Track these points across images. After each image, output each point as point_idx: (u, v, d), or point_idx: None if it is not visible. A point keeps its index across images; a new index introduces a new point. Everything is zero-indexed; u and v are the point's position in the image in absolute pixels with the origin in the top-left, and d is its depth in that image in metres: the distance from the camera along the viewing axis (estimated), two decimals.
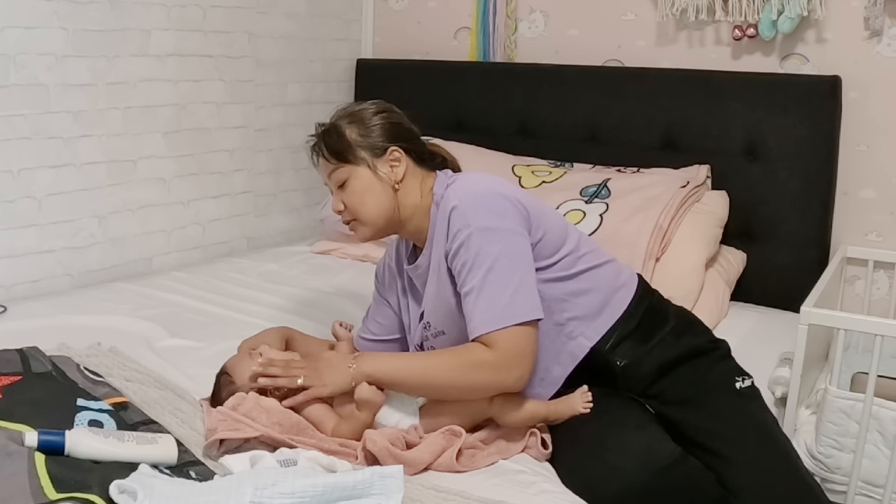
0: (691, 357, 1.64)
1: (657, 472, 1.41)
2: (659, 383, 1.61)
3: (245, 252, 2.95)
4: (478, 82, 3.03)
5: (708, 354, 1.67)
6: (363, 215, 1.65)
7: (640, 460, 1.42)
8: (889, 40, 2.44)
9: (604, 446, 1.47)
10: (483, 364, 1.47)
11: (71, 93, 2.36)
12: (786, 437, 1.66)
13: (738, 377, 1.66)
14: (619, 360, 1.61)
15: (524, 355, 1.48)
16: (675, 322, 1.68)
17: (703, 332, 1.74)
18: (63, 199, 2.39)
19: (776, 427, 1.67)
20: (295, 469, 1.28)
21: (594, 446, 1.48)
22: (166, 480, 1.24)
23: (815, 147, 2.46)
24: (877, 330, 1.79)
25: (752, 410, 1.64)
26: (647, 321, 1.65)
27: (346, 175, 1.64)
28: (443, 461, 1.47)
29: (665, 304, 1.74)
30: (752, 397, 1.66)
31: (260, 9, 2.90)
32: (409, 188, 1.65)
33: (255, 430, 1.44)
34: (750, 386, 1.66)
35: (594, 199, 2.46)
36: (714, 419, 1.59)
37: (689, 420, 1.58)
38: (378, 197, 1.63)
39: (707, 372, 1.64)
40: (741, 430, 1.59)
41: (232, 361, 1.64)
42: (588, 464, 1.46)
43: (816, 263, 2.45)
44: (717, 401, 1.61)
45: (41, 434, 1.27)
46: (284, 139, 3.07)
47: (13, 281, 2.31)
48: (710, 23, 2.68)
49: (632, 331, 1.62)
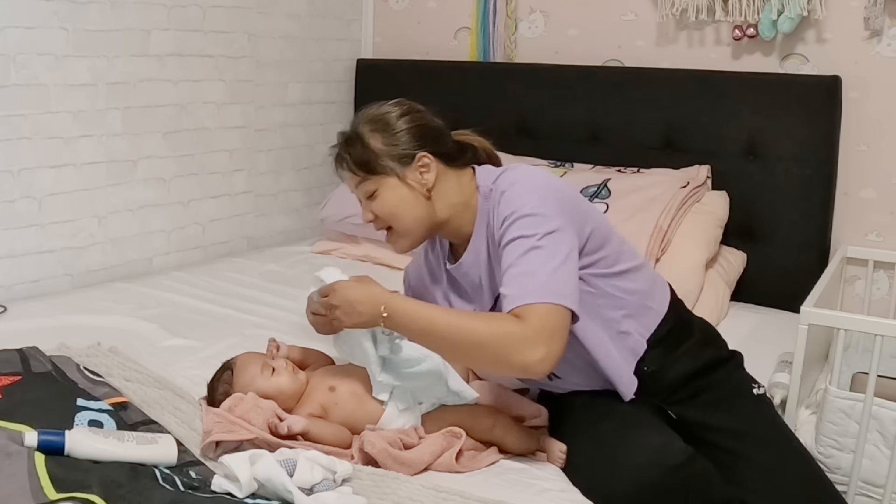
0: (712, 367, 1.65)
1: (667, 471, 1.41)
2: (682, 391, 1.62)
3: (245, 252, 2.95)
4: (478, 82, 3.03)
5: (726, 364, 1.69)
6: (398, 226, 1.60)
7: (649, 459, 1.42)
8: (889, 40, 2.44)
9: (613, 445, 1.46)
10: (511, 334, 1.39)
11: (71, 93, 2.36)
12: (800, 441, 1.69)
13: (754, 384, 1.69)
14: (647, 366, 1.60)
15: (554, 335, 1.39)
16: (699, 334, 1.69)
17: (723, 346, 1.75)
18: (63, 199, 2.39)
19: (791, 431, 1.70)
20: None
21: (603, 445, 1.48)
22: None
23: (815, 147, 2.46)
24: (877, 330, 1.79)
25: (771, 414, 1.68)
26: (676, 330, 1.65)
27: (375, 186, 1.58)
28: (443, 461, 1.47)
29: (690, 316, 1.75)
30: (768, 403, 1.71)
31: (260, 9, 2.90)
32: (443, 191, 1.59)
33: (251, 432, 1.43)
34: (765, 392, 1.70)
35: (594, 199, 2.45)
36: (734, 421, 1.61)
37: (709, 422, 1.60)
38: (411, 207, 1.58)
39: (727, 378, 1.66)
40: (760, 432, 1.61)
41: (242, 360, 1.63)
42: (597, 462, 1.46)
43: (816, 263, 2.45)
44: (738, 404, 1.64)
45: (41, 434, 1.27)
46: (284, 139, 3.07)
47: (13, 281, 2.31)
48: (710, 23, 2.68)
49: (664, 337, 1.62)
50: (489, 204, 1.55)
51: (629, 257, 1.62)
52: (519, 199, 1.48)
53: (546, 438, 1.57)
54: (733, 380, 1.67)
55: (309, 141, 3.11)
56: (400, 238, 1.63)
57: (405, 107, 1.63)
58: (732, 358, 1.72)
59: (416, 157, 1.58)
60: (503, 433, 1.54)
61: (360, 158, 1.58)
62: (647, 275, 1.67)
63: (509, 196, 1.50)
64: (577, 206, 1.55)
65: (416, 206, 1.58)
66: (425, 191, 1.58)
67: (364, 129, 1.60)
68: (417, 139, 1.59)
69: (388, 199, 1.58)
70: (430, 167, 1.58)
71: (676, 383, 1.61)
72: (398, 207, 1.59)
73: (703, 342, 1.68)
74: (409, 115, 1.62)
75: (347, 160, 1.60)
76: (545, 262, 1.43)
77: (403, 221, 1.60)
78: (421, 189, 1.58)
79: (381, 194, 1.59)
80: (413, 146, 1.58)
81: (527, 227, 1.45)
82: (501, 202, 1.50)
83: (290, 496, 1.27)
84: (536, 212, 1.46)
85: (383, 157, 1.57)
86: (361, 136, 1.60)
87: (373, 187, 1.59)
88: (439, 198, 1.59)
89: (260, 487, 1.30)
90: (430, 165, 1.58)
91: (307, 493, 1.28)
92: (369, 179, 1.59)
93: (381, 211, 1.60)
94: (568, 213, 1.49)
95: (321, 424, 1.51)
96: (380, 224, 1.63)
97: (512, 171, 1.57)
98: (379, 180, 1.58)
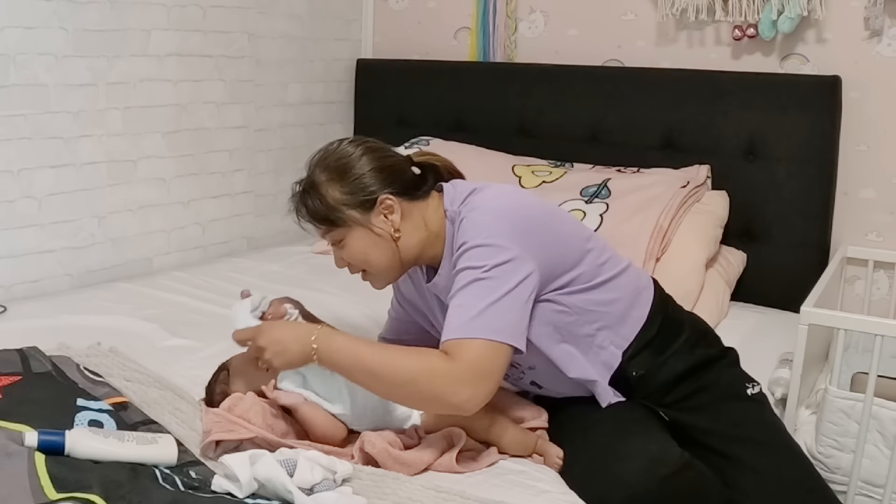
0: (703, 367, 1.64)
1: (662, 480, 1.40)
2: (673, 392, 1.61)
3: (245, 252, 2.95)
4: (478, 82, 3.03)
5: (718, 362, 1.67)
6: (372, 270, 1.58)
7: (644, 468, 1.41)
8: (889, 40, 2.44)
9: (608, 454, 1.45)
10: (438, 372, 1.37)
11: (71, 93, 2.36)
12: (795, 443, 1.67)
13: (748, 384, 1.67)
14: (634, 370, 1.59)
15: (483, 376, 1.37)
16: (689, 332, 1.67)
17: (715, 342, 1.73)
18: (63, 199, 2.39)
19: (786, 432, 1.69)
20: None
21: (599, 454, 1.47)
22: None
23: (815, 147, 2.46)
24: (877, 330, 1.79)
25: (764, 415, 1.66)
26: (663, 331, 1.63)
27: (341, 236, 1.54)
28: (443, 461, 1.47)
29: (680, 314, 1.72)
30: (762, 403, 1.68)
31: (260, 9, 2.90)
32: (411, 229, 1.55)
33: (250, 431, 1.43)
34: (759, 392, 1.68)
35: (594, 199, 2.45)
36: (727, 424, 1.59)
37: (701, 425, 1.59)
38: (382, 252, 1.54)
39: (719, 379, 1.64)
40: (754, 434, 1.60)
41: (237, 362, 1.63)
42: (592, 471, 1.45)
43: (816, 263, 2.45)
44: (731, 406, 1.62)
45: (41, 434, 1.27)
46: (284, 139, 3.07)
47: (13, 281, 2.31)
48: (710, 23, 2.68)
49: (649, 341, 1.61)
50: (454, 228, 1.52)
51: (610, 267, 1.58)
52: (473, 229, 1.45)
53: (544, 442, 1.57)
54: (726, 380, 1.65)
55: (309, 141, 3.10)
56: (376, 279, 1.60)
57: (361, 147, 1.56)
58: (725, 356, 1.69)
59: (379, 201, 1.53)
60: (501, 432, 1.54)
61: (321, 213, 1.54)
62: (630, 279, 1.62)
63: (466, 224, 1.47)
64: (544, 230, 1.50)
65: (386, 250, 1.55)
66: (393, 232, 1.54)
67: (321, 179, 1.54)
68: (378, 181, 1.53)
69: (356, 248, 1.54)
70: (394, 208, 1.53)
71: (667, 385, 1.60)
72: (368, 255, 1.55)
73: (693, 342, 1.65)
74: (366, 157, 1.55)
75: (306, 214, 1.56)
76: (487, 295, 1.39)
77: (376, 266, 1.57)
78: (388, 232, 1.54)
79: (348, 243, 1.55)
80: (374, 189, 1.53)
81: (476, 258, 1.42)
82: (460, 229, 1.48)
83: (290, 496, 1.27)
84: (488, 242, 1.42)
85: (344, 208, 1.52)
86: (318, 186, 1.54)
87: (339, 237, 1.55)
88: (408, 236, 1.55)
89: (260, 487, 1.30)
90: (394, 206, 1.53)
91: (307, 493, 1.28)
92: (334, 230, 1.55)
93: (351, 258, 1.57)
94: (526, 242, 1.44)
95: (315, 408, 1.50)
96: (354, 269, 1.60)
97: (478, 193, 1.52)
98: (344, 231, 1.54)
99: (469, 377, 1.37)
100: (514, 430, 1.55)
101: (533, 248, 1.45)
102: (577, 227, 1.61)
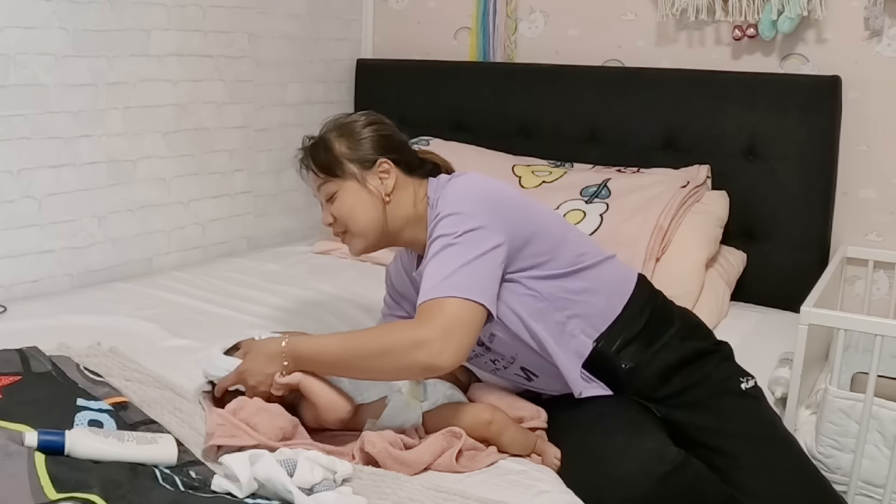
0: (695, 360, 1.64)
1: (659, 480, 1.40)
2: (664, 387, 1.61)
3: (245, 252, 2.95)
4: (478, 82, 3.03)
5: (711, 356, 1.67)
6: (354, 228, 1.65)
7: (641, 468, 1.41)
8: (889, 40, 2.44)
9: (605, 455, 1.46)
10: (405, 335, 1.42)
11: (71, 93, 2.36)
12: (792, 436, 1.67)
13: (742, 378, 1.67)
14: (624, 363, 1.60)
15: (455, 331, 1.40)
16: (679, 325, 1.67)
17: (707, 336, 1.73)
18: (63, 199, 2.39)
19: (782, 426, 1.68)
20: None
21: (596, 455, 1.47)
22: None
23: (815, 147, 2.46)
24: (877, 330, 1.79)
25: (758, 410, 1.66)
26: (652, 324, 1.64)
27: (335, 188, 1.65)
28: (443, 461, 1.47)
29: (669, 307, 1.73)
30: (757, 397, 1.67)
31: (260, 9, 2.90)
32: (400, 199, 1.65)
33: (253, 438, 1.42)
34: (754, 386, 1.67)
35: (594, 199, 2.46)
36: (722, 420, 1.59)
37: (696, 422, 1.59)
38: (368, 210, 1.63)
39: (712, 374, 1.64)
40: (749, 429, 1.60)
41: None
42: (589, 471, 1.45)
43: (816, 263, 2.45)
44: (725, 402, 1.62)
45: (41, 434, 1.27)
46: (284, 139, 3.07)
47: (13, 281, 2.31)
48: (710, 23, 2.68)
49: (637, 333, 1.62)
50: (433, 211, 1.58)
51: (588, 258, 1.62)
52: (446, 201, 1.53)
53: (542, 442, 1.57)
54: (720, 375, 1.65)
55: None
56: (354, 238, 1.67)
57: (372, 117, 1.70)
58: (718, 350, 1.69)
59: (378, 163, 1.64)
60: (500, 430, 1.54)
61: (323, 161, 1.65)
62: (609, 271, 1.65)
63: (441, 201, 1.55)
64: (516, 208, 1.56)
65: (372, 210, 1.63)
66: (384, 195, 1.64)
67: (330, 135, 1.67)
68: (380, 147, 1.65)
69: (346, 201, 1.64)
70: (391, 173, 1.64)
71: (659, 377, 1.60)
72: (355, 209, 1.63)
73: (683, 334, 1.65)
74: (374, 125, 1.68)
75: (310, 162, 1.67)
76: (458, 258, 1.46)
77: (358, 223, 1.64)
78: (380, 194, 1.64)
79: (340, 196, 1.64)
80: (375, 152, 1.65)
81: (448, 225, 1.50)
82: (437, 206, 1.55)
83: (290, 496, 1.27)
84: (458, 210, 1.50)
85: (345, 160, 1.64)
86: (327, 140, 1.66)
87: (333, 189, 1.65)
88: (396, 206, 1.65)
89: (260, 487, 1.30)
90: (391, 172, 1.64)
91: (307, 493, 1.28)
92: (331, 181, 1.65)
93: (339, 212, 1.65)
94: (497, 214, 1.51)
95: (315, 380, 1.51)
96: (337, 227, 1.68)
97: (456, 177, 1.62)
98: (340, 183, 1.64)
99: (439, 333, 1.40)
100: (514, 430, 1.56)
101: (502, 221, 1.51)
102: (555, 216, 1.68)
